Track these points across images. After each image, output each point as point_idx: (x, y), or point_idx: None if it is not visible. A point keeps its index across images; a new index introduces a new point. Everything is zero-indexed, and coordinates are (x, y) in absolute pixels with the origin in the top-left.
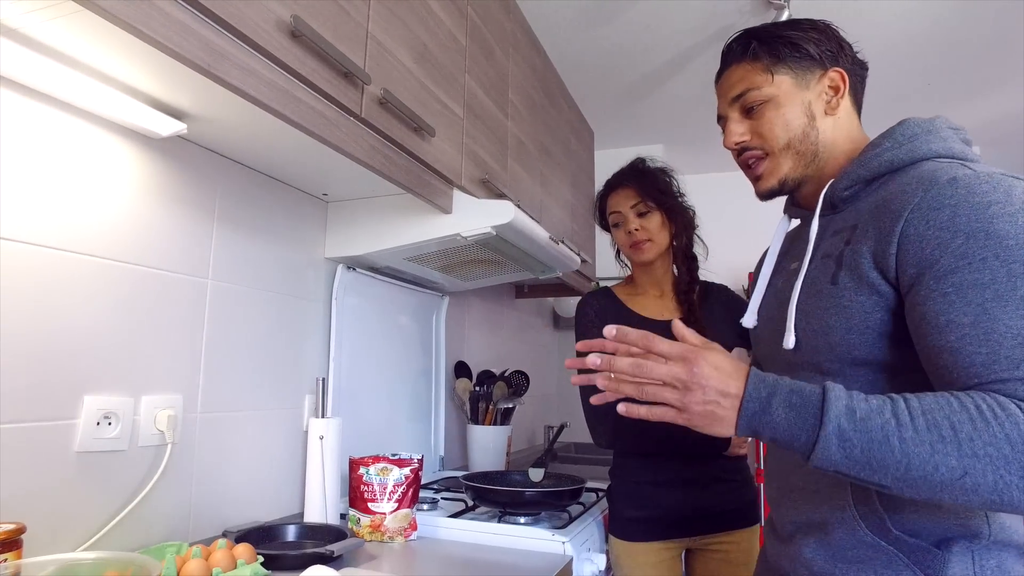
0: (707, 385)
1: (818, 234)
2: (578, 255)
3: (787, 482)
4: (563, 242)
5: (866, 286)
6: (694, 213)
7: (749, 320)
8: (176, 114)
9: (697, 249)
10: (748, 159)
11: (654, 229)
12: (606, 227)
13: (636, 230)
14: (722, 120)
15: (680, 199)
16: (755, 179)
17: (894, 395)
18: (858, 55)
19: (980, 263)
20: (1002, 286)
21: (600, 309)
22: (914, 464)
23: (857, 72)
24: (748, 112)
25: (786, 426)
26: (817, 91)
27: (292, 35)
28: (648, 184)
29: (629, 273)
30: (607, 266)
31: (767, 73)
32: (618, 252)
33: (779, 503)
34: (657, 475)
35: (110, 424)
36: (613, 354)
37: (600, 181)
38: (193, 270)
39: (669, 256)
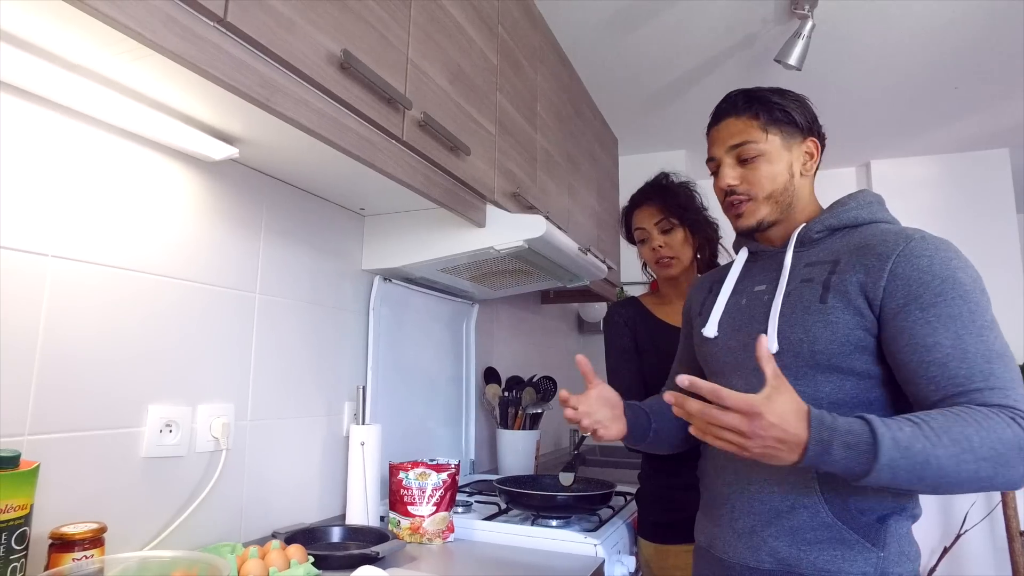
0: (766, 435)
1: (791, 264)
2: (605, 263)
3: (745, 478)
4: (590, 251)
5: (852, 308)
6: (718, 225)
7: (710, 331)
8: (228, 139)
9: (721, 259)
10: (734, 200)
11: (677, 245)
12: (632, 241)
13: (660, 247)
14: (713, 162)
15: (703, 213)
16: (736, 216)
17: (914, 418)
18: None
19: (951, 301)
20: (967, 319)
21: (629, 318)
22: (945, 474)
23: (823, 143)
24: (742, 161)
25: (844, 463)
26: (797, 154)
27: (341, 67)
28: (671, 201)
29: (653, 279)
30: (630, 272)
31: (763, 131)
32: (644, 265)
33: (731, 497)
34: (686, 479)
35: (171, 432)
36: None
37: (624, 187)
38: (243, 285)
39: (694, 268)
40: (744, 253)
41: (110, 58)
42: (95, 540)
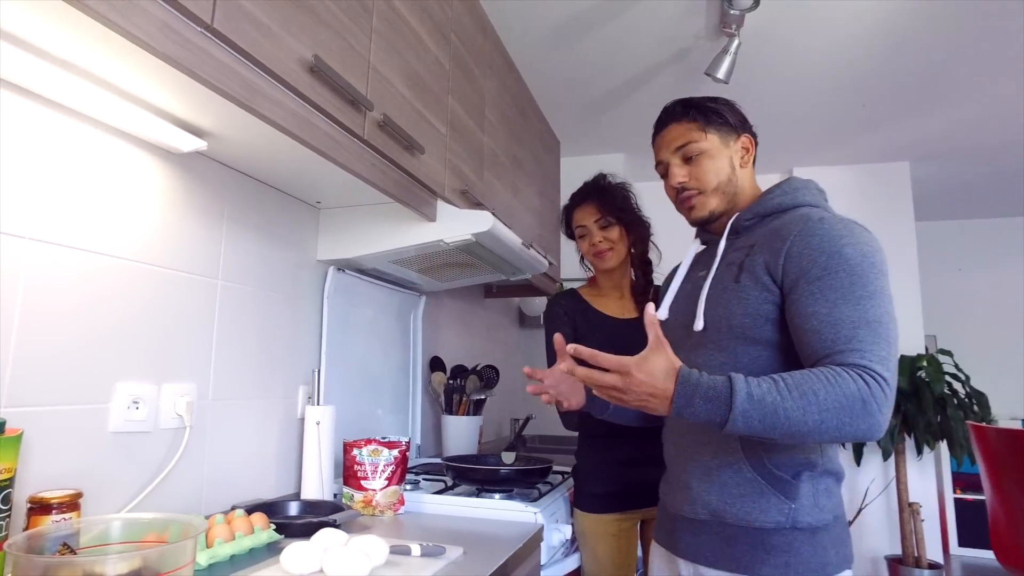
0: (638, 390)
1: (724, 250)
2: (545, 258)
3: (684, 440)
4: (532, 247)
5: (760, 285)
6: (650, 224)
7: (663, 313)
8: (197, 132)
9: (651, 255)
10: (685, 196)
11: (615, 239)
12: (572, 236)
13: (599, 241)
14: (661, 166)
15: (638, 212)
16: (688, 210)
17: (776, 376)
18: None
19: (834, 274)
20: (846, 290)
21: (568, 308)
22: (793, 422)
23: (756, 141)
24: (688, 160)
25: (705, 414)
26: (735, 149)
27: (311, 71)
28: (608, 200)
29: (591, 275)
30: (569, 268)
31: (702, 132)
32: (582, 258)
33: (676, 458)
34: (617, 455)
35: (138, 408)
36: (580, 362)
37: (565, 188)
38: (206, 271)
39: (627, 262)
40: (697, 244)
41: (99, 56)
42: (72, 504)
